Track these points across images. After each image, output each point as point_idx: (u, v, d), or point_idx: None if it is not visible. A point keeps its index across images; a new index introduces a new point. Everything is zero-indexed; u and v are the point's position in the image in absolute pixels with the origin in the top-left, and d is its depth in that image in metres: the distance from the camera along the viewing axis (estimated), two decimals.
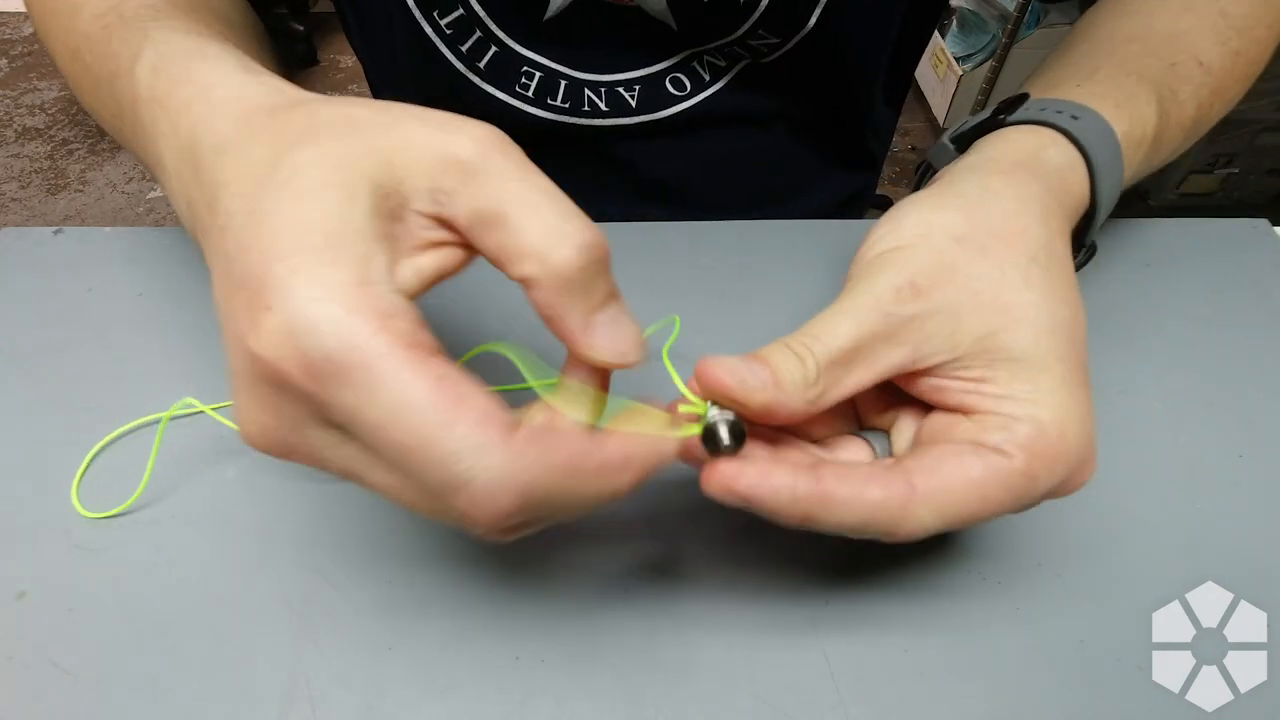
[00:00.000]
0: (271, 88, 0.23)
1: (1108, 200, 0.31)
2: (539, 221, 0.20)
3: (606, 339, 0.21)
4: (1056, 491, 0.24)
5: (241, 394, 0.20)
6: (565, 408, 0.21)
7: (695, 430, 0.23)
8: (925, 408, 0.26)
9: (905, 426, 0.27)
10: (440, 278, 0.21)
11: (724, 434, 0.22)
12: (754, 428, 0.24)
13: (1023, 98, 0.33)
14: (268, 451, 0.20)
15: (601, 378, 0.23)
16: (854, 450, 0.27)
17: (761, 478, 0.22)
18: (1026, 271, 0.24)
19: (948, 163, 0.32)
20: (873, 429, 0.28)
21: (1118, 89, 0.33)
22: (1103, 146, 0.30)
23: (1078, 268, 0.32)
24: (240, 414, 0.20)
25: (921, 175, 0.37)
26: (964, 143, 0.33)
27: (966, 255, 0.24)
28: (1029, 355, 0.23)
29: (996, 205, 0.26)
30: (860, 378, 0.24)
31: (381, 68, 0.51)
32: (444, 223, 0.21)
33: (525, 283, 0.20)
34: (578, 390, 0.22)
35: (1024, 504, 0.23)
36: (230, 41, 0.27)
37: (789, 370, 0.23)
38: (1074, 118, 0.30)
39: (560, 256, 0.19)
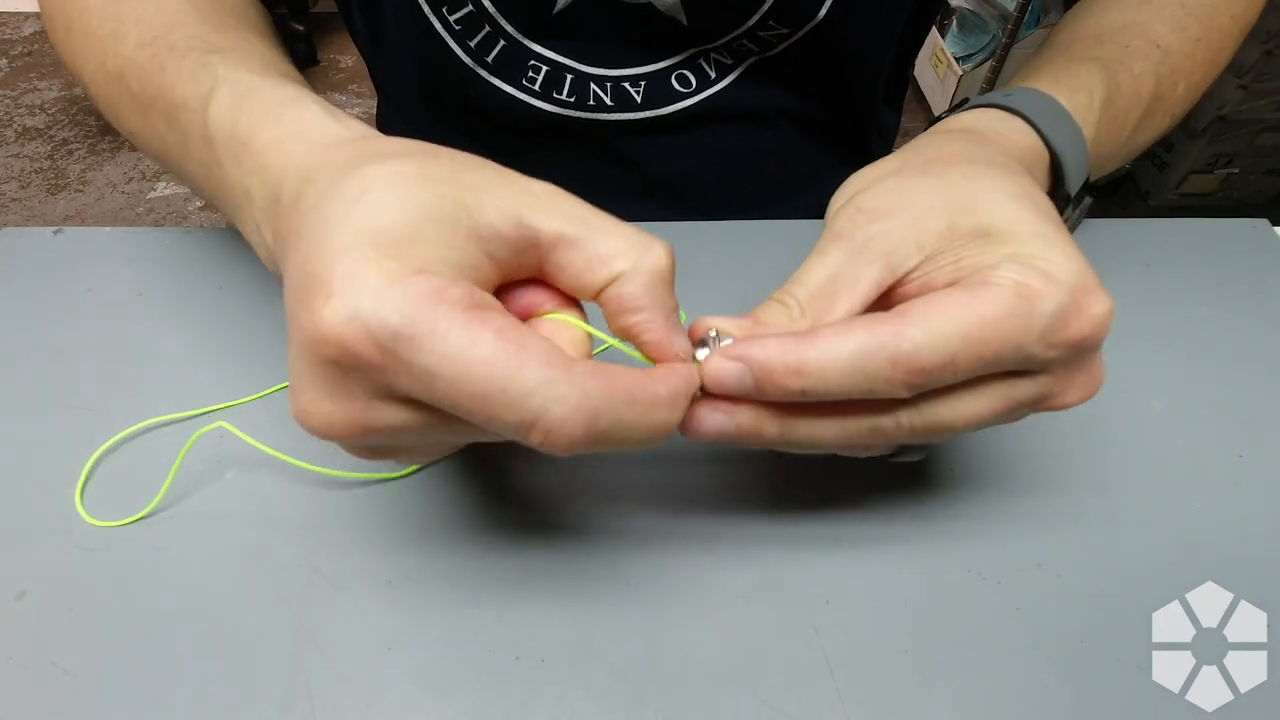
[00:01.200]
0: (353, 127, 0.25)
1: (1070, 148, 0.31)
2: (624, 232, 0.22)
3: (681, 343, 0.23)
4: (1065, 322, 0.22)
5: (305, 386, 0.21)
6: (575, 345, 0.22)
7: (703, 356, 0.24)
8: None
9: None
10: (510, 288, 0.23)
11: (715, 335, 0.23)
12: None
13: (964, 102, 0.35)
14: (339, 438, 0.21)
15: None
16: None
17: (754, 341, 0.22)
18: (967, 170, 0.26)
19: None
20: None
21: (1056, 70, 0.35)
22: (1039, 107, 0.31)
23: (1071, 225, 0.33)
24: (305, 406, 0.21)
25: None
26: None
27: (907, 179, 0.26)
28: (997, 224, 0.24)
29: (927, 148, 0.28)
30: (848, 302, 0.24)
31: (387, 63, 0.51)
32: (525, 245, 0.22)
33: (620, 279, 0.22)
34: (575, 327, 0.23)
35: (1027, 328, 0.22)
36: (286, 69, 0.30)
37: (774, 315, 0.24)
38: (1006, 95, 0.32)
39: (654, 255, 0.22)
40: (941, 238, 0.24)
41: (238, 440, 0.34)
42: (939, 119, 0.34)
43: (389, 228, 0.20)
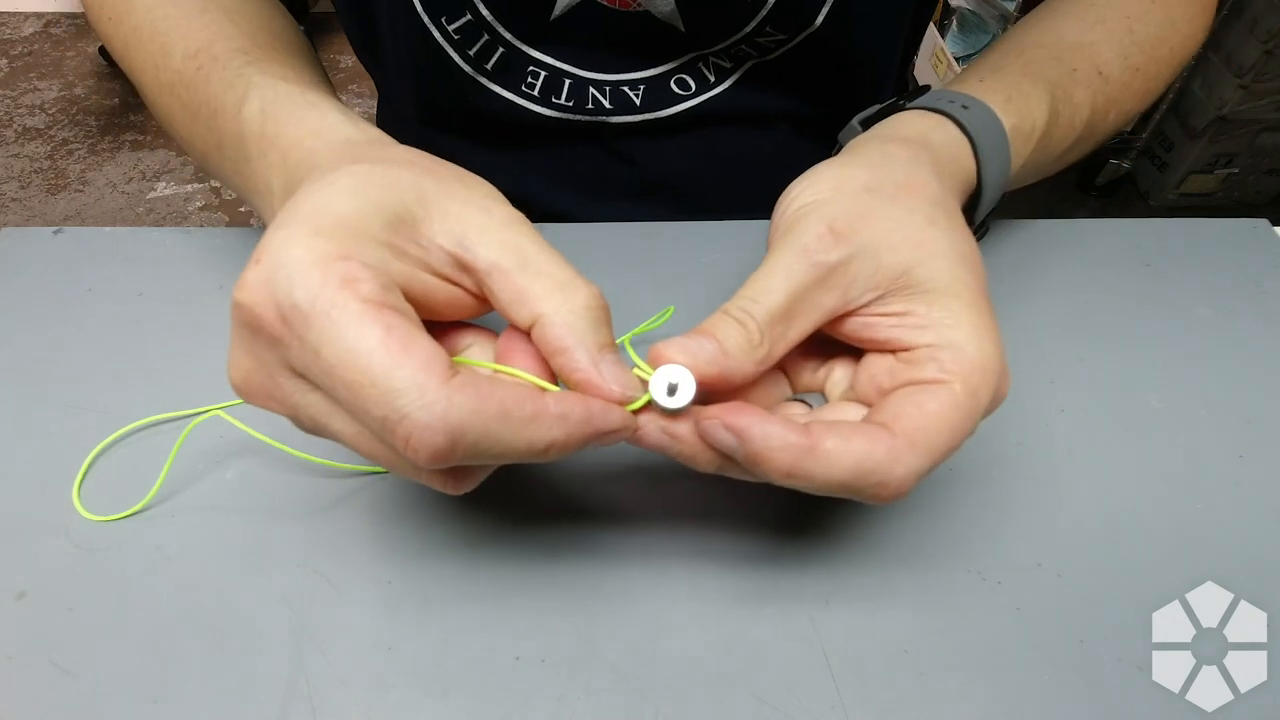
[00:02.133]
0: (367, 132, 0.27)
1: (993, 182, 0.33)
2: (554, 272, 0.23)
3: (613, 376, 0.23)
4: (992, 404, 0.25)
5: (231, 342, 0.22)
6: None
7: (644, 399, 0.23)
8: (854, 356, 0.28)
9: (839, 377, 0.28)
10: (449, 310, 0.24)
11: (683, 391, 0.23)
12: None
13: (925, 88, 0.35)
14: (249, 398, 0.23)
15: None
16: (791, 412, 0.28)
17: (759, 420, 0.22)
18: (930, 213, 0.26)
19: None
20: (805, 392, 0.29)
21: (1013, 86, 0.35)
22: (988, 134, 0.32)
23: None
24: (229, 361, 0.23)
25: (833, 151, 0.38)
26: (869, 124, 0.35)
27: (877, 202, 0.26)
28: (942, 285, 0.25)
29: (896, 164, 0.29)
30: (802, 327, 0.25)
31: (384, 70, 0.52)
32: (463, 266, 0.23)
33: (540, 320, 0.22)
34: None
35: (975, 422, 0.24)
36: (316, 80, 0.33)
37: (733, 338, 0.24)
38: (964, 107, 0.33)
39: (579, 297, 0.23)
40: (895, 281, 0.25)
41: (237, 441, 0.34)
42: (901, 102, 0.34)
43: (334, 214, 0.21)
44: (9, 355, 0.37)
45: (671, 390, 0.23)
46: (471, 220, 0.23)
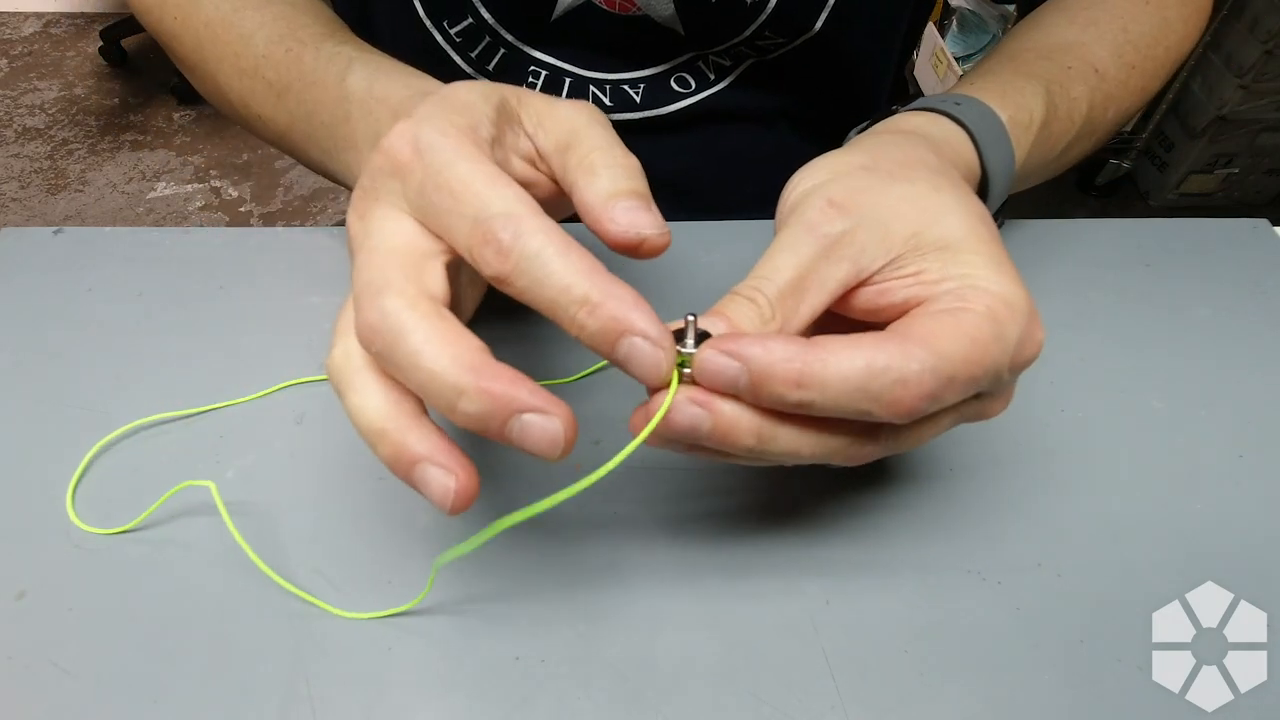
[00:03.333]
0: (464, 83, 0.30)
1: (1000, 170, 0.33)
2: (591, 137, 0.26)
3: (626, 219, 0.24)
4: (1023, 347, 0.24)
5: (359, 187, 0.25)
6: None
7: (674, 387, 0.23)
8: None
9: None
10: (527, 187, 0.25)
11: (694, 318, 0.23)
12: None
13: (917, 96, 0.35)
14: (356, 207, 0.25)
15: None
16: None
17: (755, 341, 0.22)
18: (933, 181, 0.26)
19: None
20: None
21: (1006, 84, 0.35)
22: (985, 125, 0.32)
23: None
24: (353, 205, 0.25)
25: None
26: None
27: (876, 179, 0.26)
28: (958, 240, 0.25)
29: (893, 147, 0.29)
30: (814, 301, 0.25)
31: None
32: (540, 153, 0.27)
33: (566, 173, 0.26)
34: None
35: (1003, 351, 0.23)
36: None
37: (744, 314, 0.24)
38: (957, 104, 0.33)
39: (602, 154, 0.25)
40: (907, 244, 0.25)
41: (237, 441, 0.34)
42: (890, 113, 0.34)
43: (460, 100, 0.25)
44: (9, 355, 0.37)
45: (683, 333, 0.23)
46: (549, 109, 0.27)
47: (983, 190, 0.33)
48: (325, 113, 0.34)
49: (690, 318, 0.23)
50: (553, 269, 0.21)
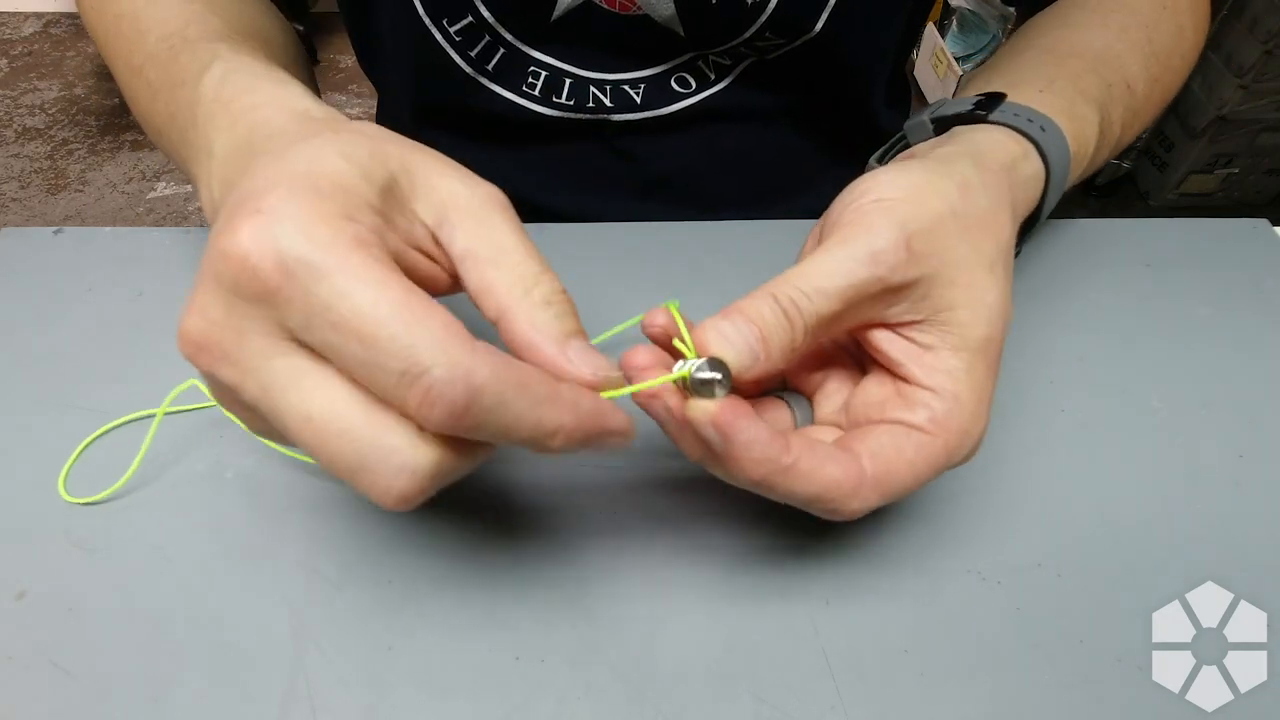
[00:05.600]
0: (326, 110, 0.26)
1: (1048, 208, 0.34)
2: (526, 264, 0.23)
3: (582, 360, 0.22)
4: (960, 463, 0.26)
5: (199, 289, 0.20)
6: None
7: (681, 373, 0.23)
8: (852, 372, 0.28)
9: (834, 391, 0.28)
10: (425, 286, 0.22)
11: (718, 388, 0.23)
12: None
13: (1000, 96, 0.34)
14: (198, 353, 0.20)
15: None
16: (774, 413, 0.28)
17: (748, 423, 0.22)
18: (994, 258, 0.26)
19: (923, 139, 0.34)
20: (796, 390, 0.29)
21: (1071, 106, 0.35)
22: (1059, 163, 0.32)
23: (1016, 253, 0.34)
24: (188, 309, 0.20)
25: (894, 144, 0.38)
26: (943, 126, 0.34)
27: (955, 230, 0.25)
28: (973, 338, 0.25)
29: (984, 196, 0.27)
30: (837, 330, 0.26)
31: (383, 70, 0.52)
32: (439, 246, 0.23)
33: (505, 315, 0.22)
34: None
35: (937, 475, 0.25)
36: (288, 70, 0.31)
37: (777, 338, 0.24)
38: (1043, 129, 0.32)
39: (541, 289, 0.22)
40: (937, 314, 0.25)
41: (237, 441, 0.34)
42: (982, 113, 0.33)
43: (331, 176, 0.20)
44: (9, 355, 0.37)
45: (708, 369, 0.23)
46: (456, 196, 0.23)
47: (1026, 223, 0.33)
48: (181, 116, 0.30)
49: (699, 361, 0.23)
50: (518, 411, 0.19)
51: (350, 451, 0.19)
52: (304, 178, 0.20)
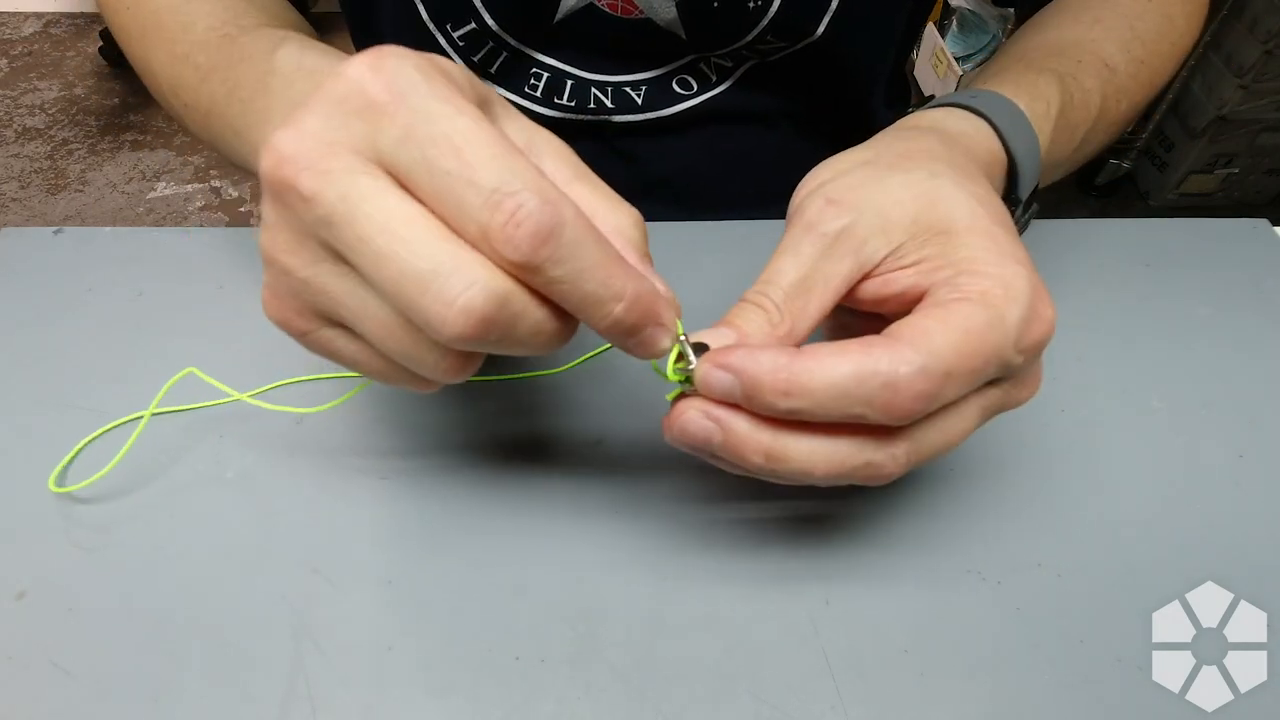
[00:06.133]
0: None
1: (1026, 151, 0.32)
2: (604, 188, 0.24)
3: (656, 276, 0.23)
4: (1030, 327, 0.23)
5: (301, 109, 0.20)
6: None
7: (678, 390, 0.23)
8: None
9: None
10: None
11: (691, 351, 0.23)
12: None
13: (930, 98, 0.34)
14: (280, 159, 0.20)
15: None
16: None
17: (746, 353, 0.22)
18: (932, 168, 0.26)
19: None
20: None
21: (1019, 77, 0.35)
22: (1003, 112, 0.32)
23: (1021, 227, 0.33)
24: (286, 121, 0.20)
25: None
26: None
27: (874, 172, 0.26)
28: (957, 224, 0.24)
29: (898, 141, 0.28)
30: (821, 301, 0.25)
31: None
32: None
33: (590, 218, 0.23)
34: None
35: (1004, 337, 0.22)
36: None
37: (752, 321, 0.24)
38: (972, 96, 0.32)
39: (624, 209, 0.24)
40: (906, 231, 0.25)
41: (238, 441, 0.34)
42: (907, 113, 0.34)
43: (449, 66, 0.21)
44: (9, 355, 0.37)
45: (683, 352, 0.23)
46: (540, 130, 0.24)
47: (1011, 176, 0.32)
48: (245, 88, 0.32)
49: (681, 336, 0.23)
50: (593, 259, 0.19)
51: (425, 256, 0.19)
52: (422, 55, 0.21)
